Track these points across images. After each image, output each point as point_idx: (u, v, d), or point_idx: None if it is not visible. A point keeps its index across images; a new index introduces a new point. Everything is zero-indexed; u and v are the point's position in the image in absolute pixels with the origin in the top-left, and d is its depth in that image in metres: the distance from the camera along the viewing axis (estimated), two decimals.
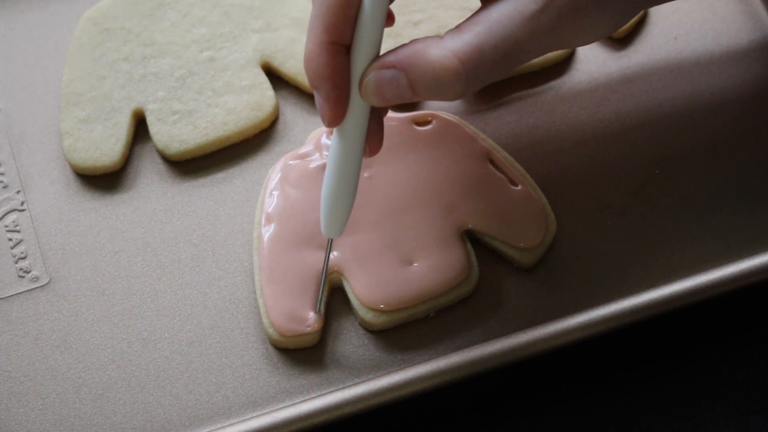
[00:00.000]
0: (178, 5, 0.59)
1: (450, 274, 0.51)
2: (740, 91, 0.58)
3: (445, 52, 0.45)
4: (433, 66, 0.45)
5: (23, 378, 0.51)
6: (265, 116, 0.57)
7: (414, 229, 0.52)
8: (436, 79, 0.45)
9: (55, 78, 0.59)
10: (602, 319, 0.51)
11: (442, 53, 0.45)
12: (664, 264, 0.53)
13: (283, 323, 0.51)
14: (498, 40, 0.44)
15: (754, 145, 0.56)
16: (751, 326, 0.53)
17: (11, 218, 0.56)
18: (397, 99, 0.46)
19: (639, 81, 0.58)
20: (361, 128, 0.47)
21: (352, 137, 0.47)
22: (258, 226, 0.53)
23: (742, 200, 0.54)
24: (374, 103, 0.46)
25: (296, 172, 0.54)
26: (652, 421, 0.51)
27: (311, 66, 0.46)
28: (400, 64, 0.45)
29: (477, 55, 0.44)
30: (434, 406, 0.52)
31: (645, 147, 0.56)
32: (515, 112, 0.57)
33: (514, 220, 0.53)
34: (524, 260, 0.52)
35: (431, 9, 0.59)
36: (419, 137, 0.55)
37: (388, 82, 0.45)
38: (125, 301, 0.53)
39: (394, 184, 0.53)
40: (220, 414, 0.50)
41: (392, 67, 0.45)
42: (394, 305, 0.51)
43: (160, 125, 0.57)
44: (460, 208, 0.53)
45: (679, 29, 0.59)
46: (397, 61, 0.45)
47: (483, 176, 0.54)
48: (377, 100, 0.46)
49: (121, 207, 0.56)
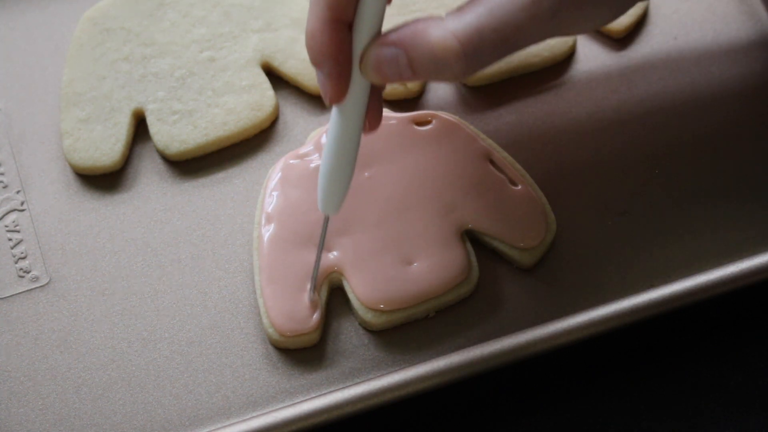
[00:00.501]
0: (178, 5, 0.59)
1: (450, 274, 0.52)
2: (740, 90, 0.58)
3: (446, 33, 0.45)
4: (433, 46, 0.45)
5: (23, 378, 0.51)
6: (265, 116, 0.57)
7: (414, 229, 0.52)
8: (435, 60, 0.45)
9: (55, 78, 0.59)
10: (602, 319, 0.51)
11: (443, 34, 0.45)
12: (664, 264, 0.53)
13: (283, 323, 0.51)
14: (498, 23, 0.44)
15: (754, 144, 0.56)
16: (751, 326, 0.53)
17: (11, 218, 0.56)
18: (397, 77, 0.46)
19: (639, 81, 0.58)
20: (361, 105, 0.47)
21: (352, 114, 0.47)
22: (258, 226, 0.53)
23: (742, 200, 0.54)
24: (374, 80, 0.46)
25: (296, 172, 0.54)
26: (652, 421, 0.51)
27: (313, 43, 0.46)
28: (400, 43, 0.45)
29: (477, 38, 0.44)
30: (434, 406, 0.52)
31: (645, 147, 0.56)
32: (515, 112, 0.57)
33: (514, 220, 0.53)
34: (524, 260, 0.52)
35: (431, 9, 0.59)
36: (419, 137, 0.55)
37: (388, 61, 0.45)
38: (125, 301, 0.53)
39: (394, 184, 0.53)
40: (220, 414, 0.50)
41: (392, 45, 0.45)
42: (394, 305, 0.51)
43: (160, 125, 0.57)
44: (460, 208, 0.53)
45: (679, 29, 0.59)
46: (398, 39, 0.45)
47: (483, 176, 0.54)
48: (377, 78, 0.46)
49: (121, 207, 0.56)
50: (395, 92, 0.57)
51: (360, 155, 0.54)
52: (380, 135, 0.54)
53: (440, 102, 0.58)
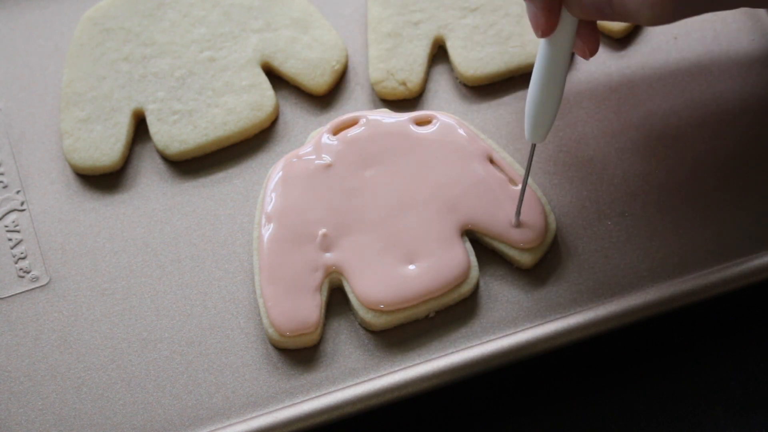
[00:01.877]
0: (178, 5, 0.59)
1: (450, 275, 0.52)
2: (740, 91, 0.58)
3: None
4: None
5: (23, 378, 0.51)
6: (265, 116, 0.57)
7: (414, 229, 0.52)
8: None
9: (55, 78, 0.59)
10: (602, 319, 0.51)
11: None
12: (664, 264, 0.53)
13: (282, 323, 0.51)
14: None
15: (754, 145, 0.56)
16: (751, 326, 0.53)
17: (11, 218, 0.56)
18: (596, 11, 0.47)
19: (639, 81, 0.58)
20: (569, 38, 0.49)
21: (560, 46, 0.49)
22: (258, 226, 0.53)
23: (742, 200, 0.54)
24: (575, 13, 0.48)
25: (297, 172, 0.54)
26: (652, 421, 0.51)
27: None
28: None
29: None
30: (434, 406, 0.52)
31: (645, 147, 0.56)
32: (515, 112, 0.57)
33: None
34: (524, 260, 0.52)
35: (431, 9, 0.59)
36: (419, 137, 0.55)
37: None
38: (125, 301, 0.53)
39: (394, 184, 0.53)
40: (220, 414, 0.50)
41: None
42: (393, 305, 0.51)
43: (160, 125, 0.57)
44: (461, 208, 0.53)
45: (679, 29, 0.59)
46: None
47: (483, 176, 0.54)
48: (578, 11, 0.47)
49: (121, 207, 0.56)
50: (395, 92, 0.57)
51: (361, 155, 0.54)
52: (380, 135, 0.54)
53: (440, 102, 0.58)
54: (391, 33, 0.58)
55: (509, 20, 0.58)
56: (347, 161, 0.54)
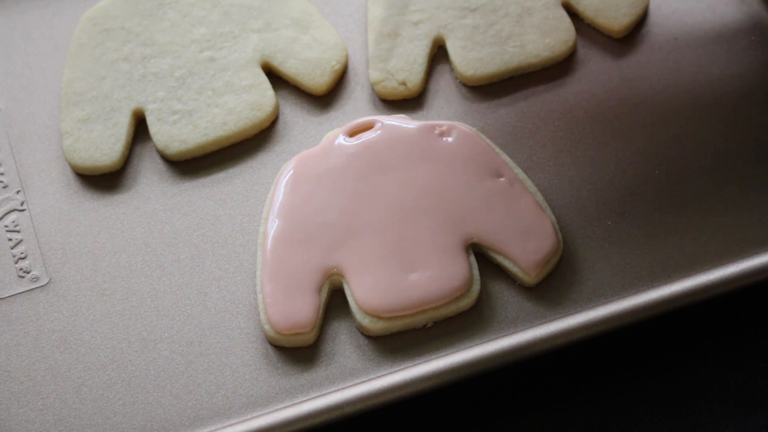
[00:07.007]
0: (178, 5, 0.59)
1: (451, 286, 0.51)
2: (740, 91, 0.58)
3: None
4: None
5: (23, 378, 0.51)
6: (265, 116, 0.57)
7: (419, 237, 0.52)
8: None
9: (55, 78, 0.59)
10: (602, 319, 0.51)
11: None
12: (663, 264, 0.53)
13: (279, 321, 0.51)
14: None
15: (754, 145, 0.56)
16: (751, 326, 0.53)
17: (11, 218, 0.56)
18: None
19: (639, 81, 0.58)
20: None
21: None
22: (265, 222, 0.53)
23: (742, 200, 0.54)
24: None
25: (308, 172, 0.54)
26: (652, 421, 0.51)
27: None
28: None
29: None
30: (434, 406, 0.52)
31: (645, 147, 0.56)
32: (515, 112, 0.57)
33: (522, 238, 0.52)
34: (527, 279, 0.52)
35: (431, 9, 0.59)
36: (435, 147, 0.54)
37: None
38: (125, 301, 0.53)
39: (404, 191, 0.53)
40: (220, 414, 0.50)
41: None
42: (391, 312, 0.51)
43: (160, 125, 0.57)
44: (469, 221, 0.53)
45: (679, 29, 0.59)
46: None
47: (495, 191, 0.53)
48: None
49: (121, 207, 0.56)
50: (395, 92, 0.57)
51: (373, 160, 0.54)
52: (395, 141, 0.54)
53: (440, 102, 0.58)
54: (391, 33, 0.58)
55: (509, 20, 0.58)
56: (359, 165, 0.54)
